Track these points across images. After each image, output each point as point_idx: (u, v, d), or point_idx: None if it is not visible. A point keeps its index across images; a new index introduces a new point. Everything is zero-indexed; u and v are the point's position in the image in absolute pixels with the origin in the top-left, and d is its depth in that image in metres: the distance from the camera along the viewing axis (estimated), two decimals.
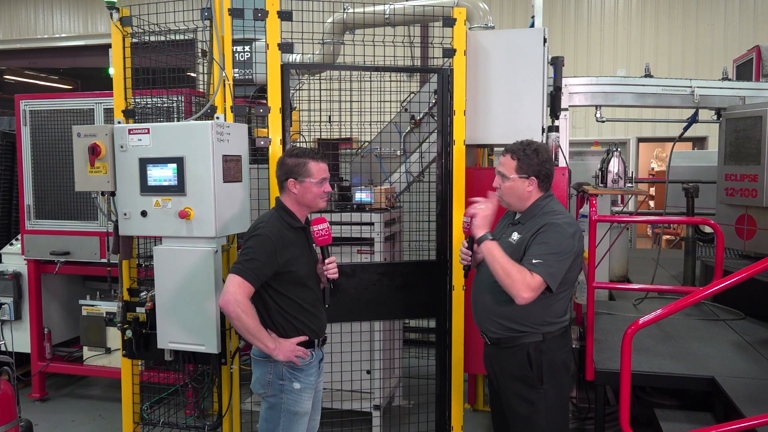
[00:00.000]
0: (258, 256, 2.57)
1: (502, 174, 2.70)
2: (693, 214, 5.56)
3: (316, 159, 2.70)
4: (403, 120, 4.38)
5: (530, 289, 2.47)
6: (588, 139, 9.81)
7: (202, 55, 3.69)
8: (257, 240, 2.61)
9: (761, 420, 2.59)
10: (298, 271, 2.67)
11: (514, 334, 2.65)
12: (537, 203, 2.69)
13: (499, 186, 2.71)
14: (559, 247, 2.53)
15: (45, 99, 4.83)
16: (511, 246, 2.65)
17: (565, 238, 2.56)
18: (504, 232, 2.77)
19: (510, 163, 2.67)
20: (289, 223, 2.71)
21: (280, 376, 2.69)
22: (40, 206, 4.84)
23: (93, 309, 4.75)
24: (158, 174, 3.21)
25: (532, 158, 2.65)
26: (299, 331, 2.70)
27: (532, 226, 2.63)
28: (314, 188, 2.69)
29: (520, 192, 2.68)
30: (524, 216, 2.71)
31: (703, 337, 4.16)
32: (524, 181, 2.66)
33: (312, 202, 2.72)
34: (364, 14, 4.33)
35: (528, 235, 2.61)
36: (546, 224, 2.58)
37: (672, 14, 9.93)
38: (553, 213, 2.65)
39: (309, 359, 2.72)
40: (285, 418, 2.70)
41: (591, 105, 4.91)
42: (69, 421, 4.60)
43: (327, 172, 2.74)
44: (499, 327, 2.67)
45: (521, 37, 3.82)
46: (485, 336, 2.79)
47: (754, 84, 5.34)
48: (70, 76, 13.92)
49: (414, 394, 4.42)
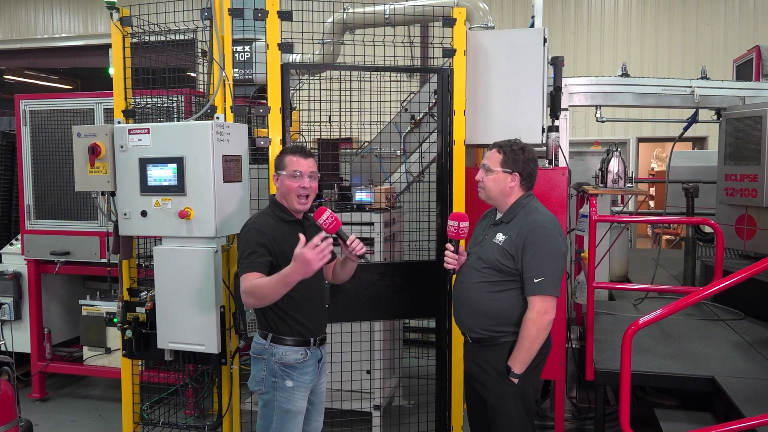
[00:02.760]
0: (252, 248, 2.58)
1: (486, 167, 2.75)
2: (693, 214, 5.56)
3: (294, 153, 2.69)
4: (403, 120, 4.38)
5: (548, 314, 2.60)
6: (588, 139, 9.81)
7: (202, 55, 3.69)
8: (245, 236, 2.64)
9: (761, 420, 2.59)
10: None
11: (495, 334, 2.70)
12: (518, 202, 2.74)
13: (482, 179, 2.76)
14: (551, 253, 2.62)
15: (45, 99, 4.83)
16: (496, 247, 2.68)
17: (554, 239, 2.64)
18: (486, 233, 2.80)
19: (496, 156, 2.74)
20: (280, 216, 2.71)
21: (273, 373, 2.68)
22: (40, 206, 4.84)
23: (93, 309, 4.74)
24: (158, 174, 3.21)
25: (518, 155, 2.72)
26: (293, 330, 2.67)
27: (515, 226, 2.68)
28: (287, 181, 2.67)
29: (502, 186, 2.72)
30: (506, 215, 2.75)
31: (703, 337, 4.16)
32: (507, 176, 2.71)
33: (287, 197, 2.68)
34: (364, 14, 4.33)
35: (513, 235, 2.65)
36: (531, 228, 2.63)
37: (672, 14, 9.93)
38: (536, 212, 2.71)
39: (303, 357, 2.69)
40: (278, 416, 2.69)
41: (591, 105, 4.90)
42: (69, 421, 4.60)
43: (305, 167, 2.68)
44: (482, 328, 2.71)
45: (521, 37, 3.82)
46: (466, 335, 2.83)
47: (754, 84, 5.34)
48: (70, 76, 13.92)
49: (414, 394, 4.41)
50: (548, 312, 2.59)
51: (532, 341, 2.60)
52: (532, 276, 2.60)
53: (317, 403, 2.88)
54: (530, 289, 2.61)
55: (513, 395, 2.68)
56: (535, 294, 2.60)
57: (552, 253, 2.62)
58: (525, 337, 2.60)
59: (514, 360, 2.63)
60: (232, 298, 3.40)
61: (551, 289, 2.60)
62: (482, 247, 2.76)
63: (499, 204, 2.77)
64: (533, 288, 2.60)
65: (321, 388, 2.89)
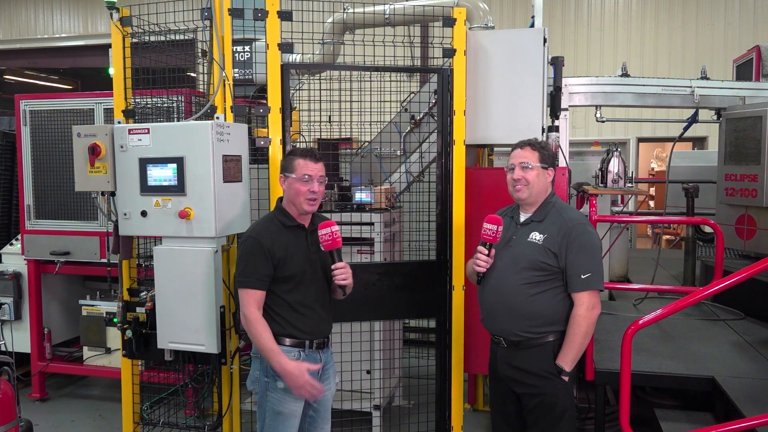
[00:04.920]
0: (251, 260, 2.60)
1: (525, 164, 2.71)
2: (693, 214, 5.56)
3: (304, 157, 2.68)
4: (403, 120, 4.38)
5: (596, 308, 2.63)
6: (588, 139, 9.80)
7: (202, 55, 3.69)
8: (245, 245, 2.65)
9: (761, 420, 2.59)
10: (290, 270, 2.65)
11: (535, 336, 2.67)
12: (547, 200, 2.75)
13: (522, 177, 2.70)
14: (594, 248, 2.67)
15: (45, 99, 4.83)
16: (536, 246, 2.66)
17: (594, 235, 2.69)
18: (515, 233, 2.76)
19: (533, 154, 2.72)
20: (282, 222, 2.70)
21: (265, 374, 2.68)
22: (40, 206, 4.84)
23: (93, 309, 4.75)
24: (158, 174, 3.21)
25: (549, 151, 2.77)
26: (285, 332, 2.66)
27: (552, 223, 2.68)
28: (295, 184, 2.65)
29: (544, 182, 2.73)
30: (537, 214, 2.74)
31: (703, 337, 4.16)
32: (546, 172, 2.73)
33: (296, 200, 2.67)
34: (364, 14, 4.33)
35: (554, 232, 2.65)
36: (572, 225, 2.64)
37: (672, 14, 9.93)
38: (569, 209, 2.75)
39: (296, 359, 2.66)
40: (270, 417, 2.68)
41: (591, 105, 4.90)
42: (69, 421, 4.60)
43: (314, 171, 2.67)
44: (523, 330, 2.68)
45: (521, 37, 3.82)
46: (503, 339, 2.76)
47: (754, 84, 5.34)
48: (70, 76, 13.91)
49: (414, 394, 4.41)
50: (596, 306, 2.62)
51: (584, 337, 2.60)
52: (579, 272, 2.60)
53: (322, 410, 2.85)
54: (578, 285, 2.61)
55: (565, 393, 2.67)
56: (584, 290, 2.60)
57: (595, 248, 2.66)
58: (576, 333, 2.60)
59: (565, 358, 2.62)
60: (232, 298, 3.40)
61: (598, 284, 2.63)
62: (514, 248, 2.73)
63: (534, 202, 2.74)
64: (581, 284, 2.60)
65: (326, 395, 2.83)
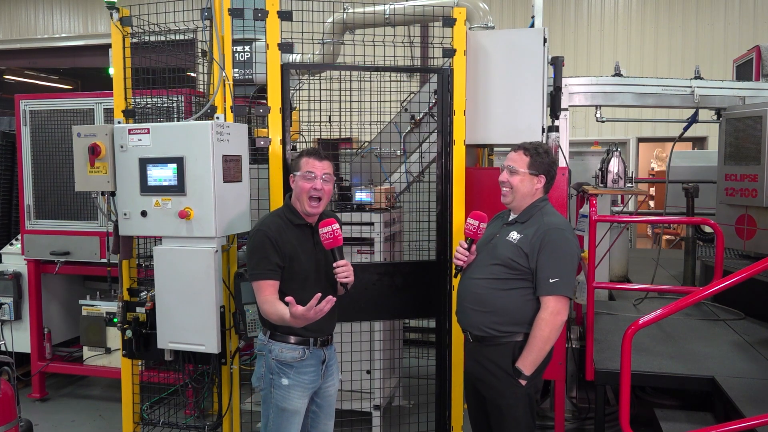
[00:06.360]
0: (262, 253, 2.61)
1: (512, 168, 2.73)
2: (693, 214, 5.56)
3: (309, 155, 2.72)
4: (403, 120, 4.38)
5: (561, 315, 2.59)
6: (588, 139, 9.81)
7: (202, 55, 3.69)
8: (254, 239, 2.67)
9: (761, 420, 2.59)
10: (295, 268, 2.67)
11: (499, 333, 2.68)
12: (535, 204, 2.74)
13: (507, 180, 2.73)
14: (567, 255, 2.63)
15: (45, 99, 4.83)
16: (510, 244, 2.67)
17: (569, 242, 2.65)
18: (499, 232, 2.79)
19: (522, 159, 2.72)
20: (289, 219, 2.72)
21: (270, 370, 2.70)
22: (40, 206, 4.84)
23: (93, 309, 4.74)
24: (158, 174, 3.21)
25: (543, 158, 2.73)
26: (290, 328, 2.64)
27: (531, 226, 2.67)
28: (300, 181, 2.68)
29: (528, 188, 2.72)
30: (522, 215, 2.74)
31: (703, 337, 4.16)
32: (533, 178, 2.72)
33: (300, 198, 2.70)
34: (364, 14, 4.33)
35: (530, 234, 2.64)
36: (548, 229, 2.63)
37: (672, 14, 9.93)
38: (552, 214, 2.72)
39: (301, 356, 2.69)
40: (274, 414, 2.70)
41: (591, 105, 4.90)
42: (69, 421, 4.60)
43: (318, 168, 2.68)
44: (487, 326, 2.69)
45: (521, 37, 3.82)
46: (468, 333, 2.81)
47: (754, 84, 5.34)
48: (70, 76, 13.92)
49: (414, 394, 4.41)
50: (561, 312, 2.58)
51: (545, 341, 2.58)
52: (547, 276, 2.58)
53: (325, 406, 2.86)
54: (545, 289, 2.59)
55: (520, 397, 2.66)
56: (550, 294, 2.58)
57: (568, 254, 2.63)
58: (537, 337, 2.58)
59: (525, 361, 2.61)
60: (232, 298, 3.40)
61: (565, 290, 2.60)
62: (493, 245, 2.74)
63: (519, 206, 2.75)
64: (548, 288, 2.58)
65: (329, 391, 2.86)
